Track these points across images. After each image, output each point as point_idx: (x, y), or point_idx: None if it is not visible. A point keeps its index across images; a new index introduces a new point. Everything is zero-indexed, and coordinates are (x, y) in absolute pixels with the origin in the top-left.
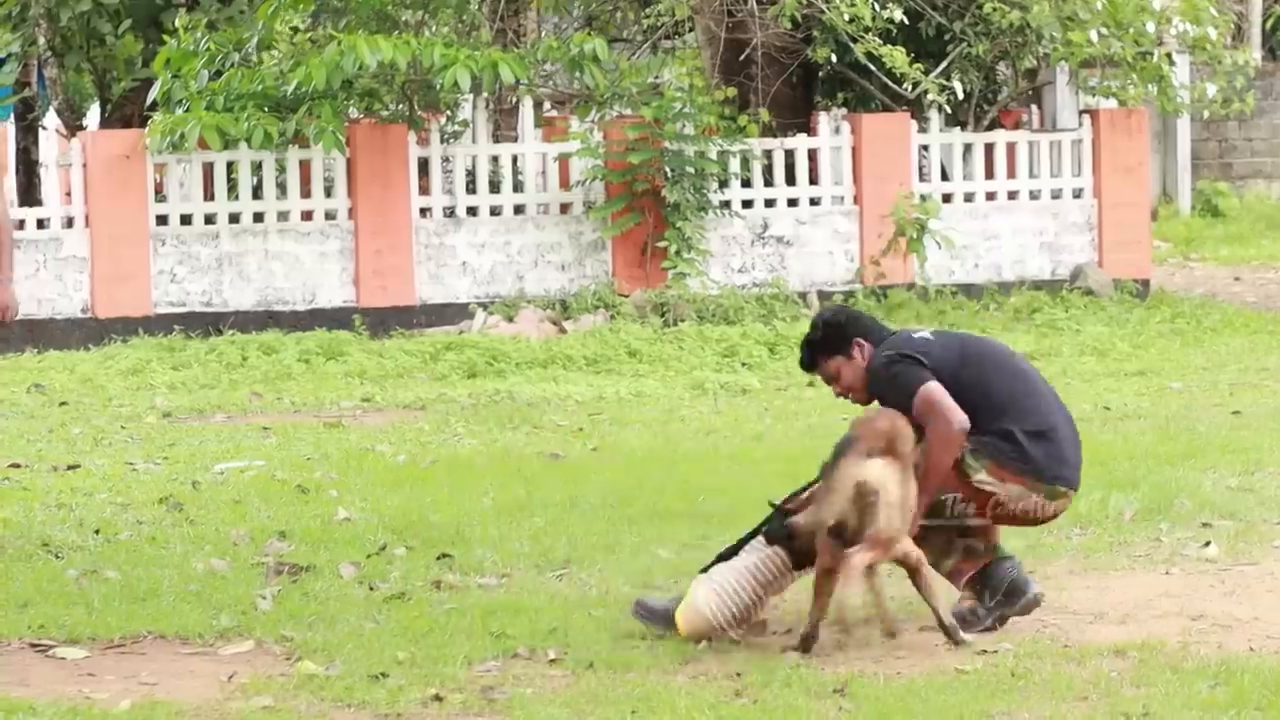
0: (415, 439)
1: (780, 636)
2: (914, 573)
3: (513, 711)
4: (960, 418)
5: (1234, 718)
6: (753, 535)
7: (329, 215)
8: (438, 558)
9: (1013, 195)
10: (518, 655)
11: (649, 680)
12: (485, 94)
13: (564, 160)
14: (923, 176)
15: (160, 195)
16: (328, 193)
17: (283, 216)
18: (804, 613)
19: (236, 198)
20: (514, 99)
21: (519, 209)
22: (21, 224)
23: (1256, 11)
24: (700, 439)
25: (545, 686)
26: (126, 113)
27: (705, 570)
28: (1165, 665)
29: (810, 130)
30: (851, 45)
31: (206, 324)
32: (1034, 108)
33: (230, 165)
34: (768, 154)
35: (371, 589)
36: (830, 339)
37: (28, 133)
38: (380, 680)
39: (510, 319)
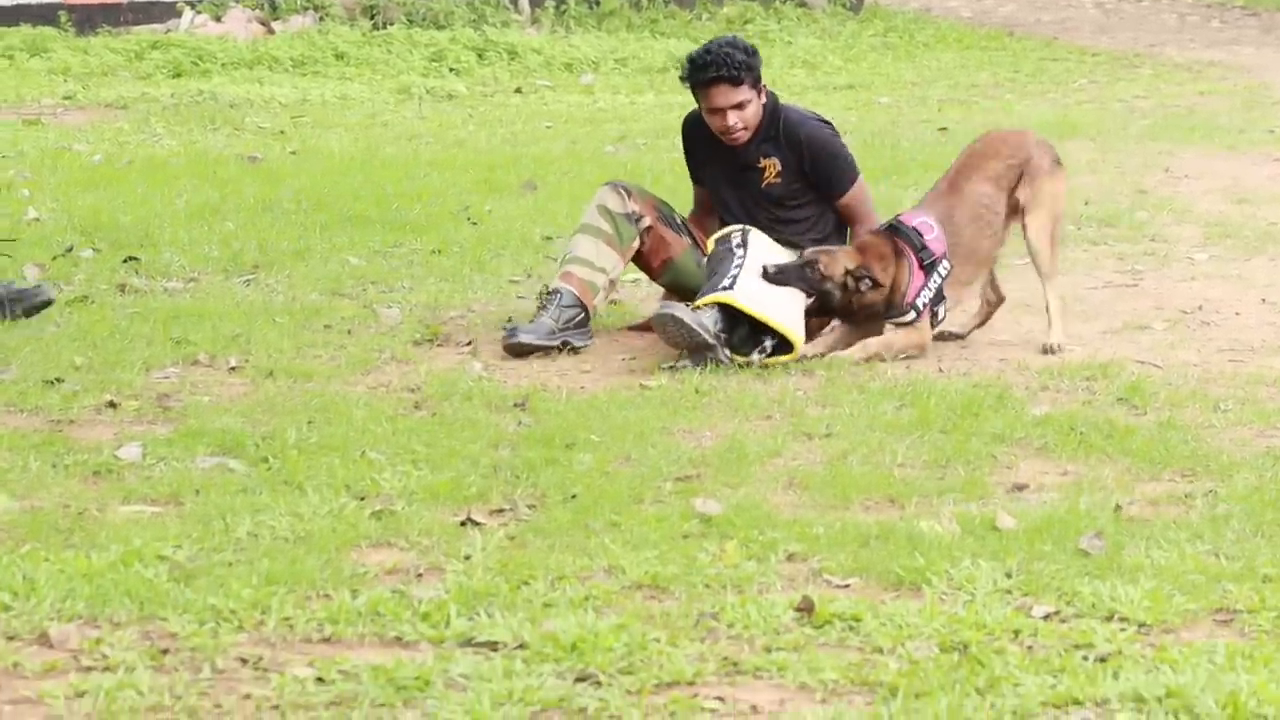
0: (114, 138)
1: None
2: None
3: (186, 419)
4: None
5: (917, 440)
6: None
7: None
8: (124, 260)
9: None
10: (198, 362)
11: (329, 390)
12: None
13: None
14: None
15: None
16: None
17: None
18: None
19: None
20: None
21: None
22: None
23: None
24: (401, 144)
25: (222, 394)
26: None
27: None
28: (852, 385)
29: None
30: None
31: None
32: None
33: None
34: None
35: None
36: (756, 69)
37: None
38: (55, 385)
39: (218, 18)
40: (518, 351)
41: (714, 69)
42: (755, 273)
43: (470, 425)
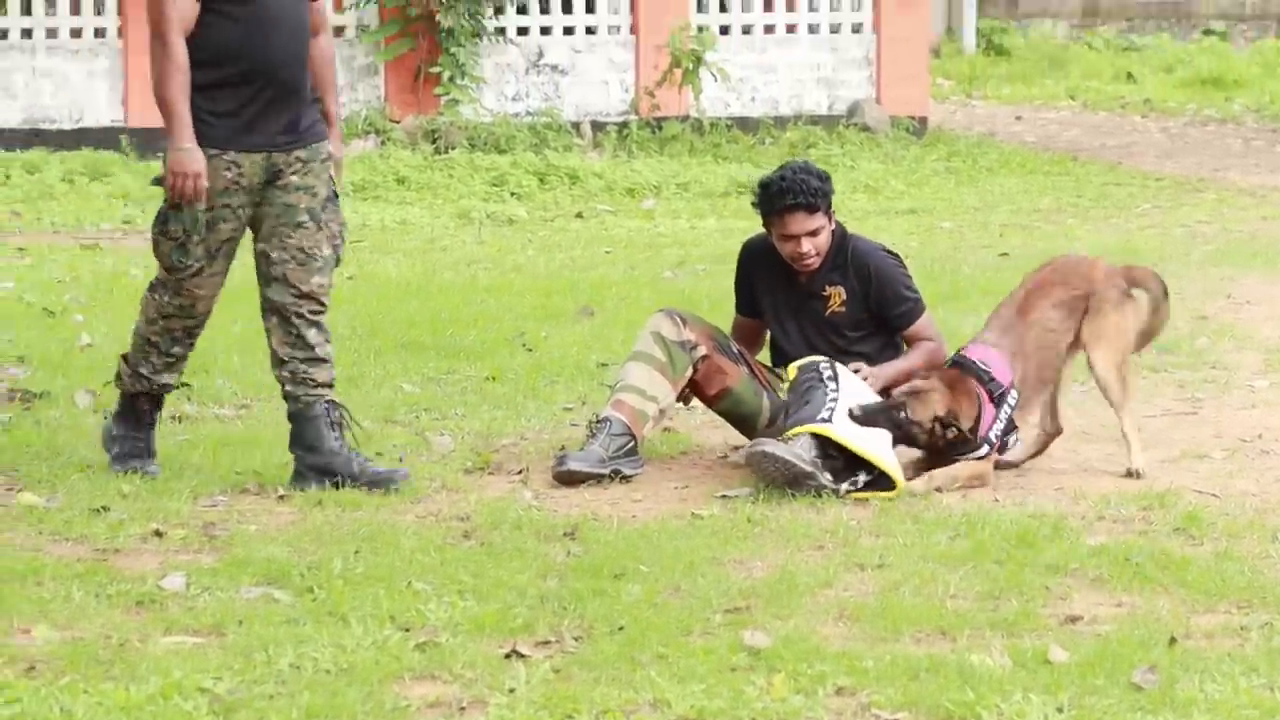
0: None
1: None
2: None
3: (232, 548)
4: None
5: (970, 571)
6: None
7: (98, 33)
8: (177, 387)
9: (791, 29)
10: (247, 490)
11: (377, 519)
12: None
13: None
14: (701, 7)
15: None
16: (97, 10)
17: (51, 34)
18: None
19: (5, 13)
20: None
21: None
22: None
23: None
24: (460, 270)
25: (270, 523)
26: None
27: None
28: (906, 515)
29: None
30: None
31: None
32: None
33: None
34: None
35: (106, 419)
36: (830, 195)
37: None
38: (101, 514)
39: None
40: (568, 480)
41: (791, 195)
42: (846, 410)
43: (519, 555)
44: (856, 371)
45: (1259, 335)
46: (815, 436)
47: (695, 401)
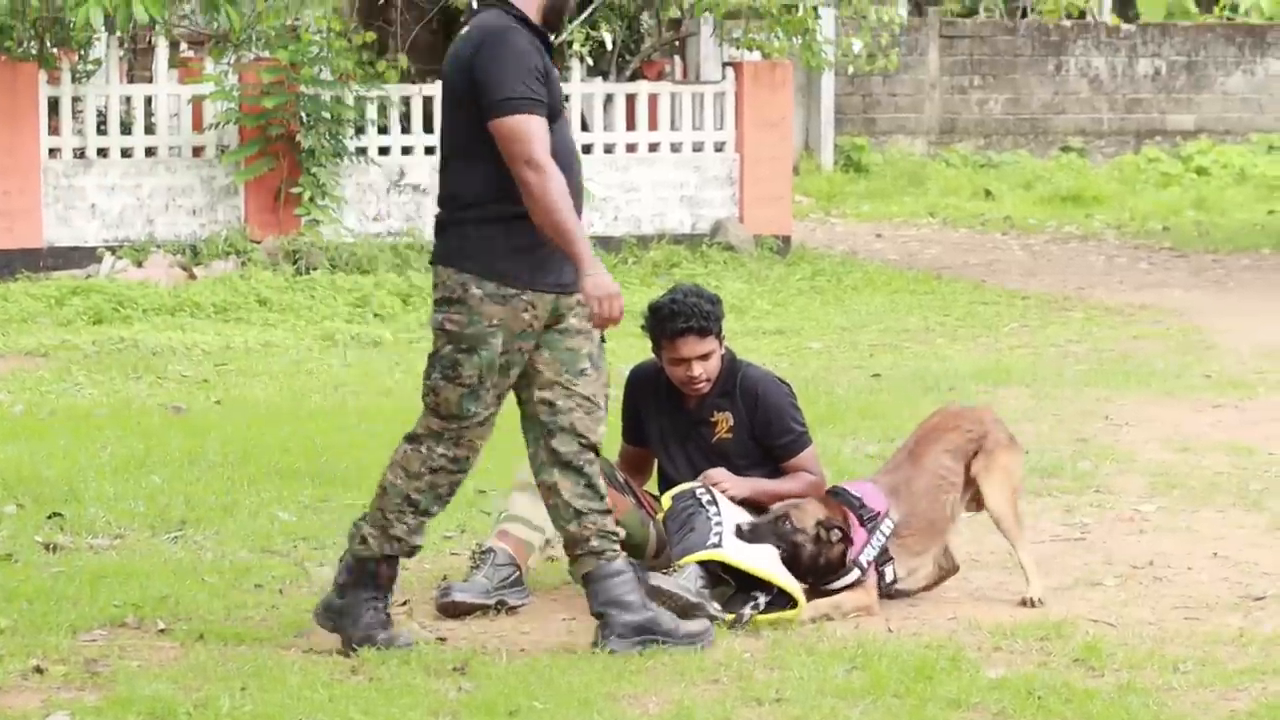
0: (35, 388)
1: None
2: None
3: (115, 686)
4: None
5: (870, 705)
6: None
7: None
8: (49, 516)
9: (654, 148)
10: (126, 624)
11: (261, 654)
12: (119, 32)
13: (198, 102)
14: None
15: None
16: None
17: None
18: None
19: None
20: (150, 38)
21: (151, 151)
22: None
23: None
24: (328, 393)
25: (152, 659)
26: None
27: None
28: (800, 647)
29: None
30: None
31: None
32: (677, 59)
33: None
34: (406, 100)
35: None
36: (721, 319)
37: None
38: None
39: (139, 264)
40: (453, 611)
41: (683, 319)
42: (733, 530)
43: (409, 691)
44: (724, 491)
45: (1141, 457)
46: (702, 564)
47: None
